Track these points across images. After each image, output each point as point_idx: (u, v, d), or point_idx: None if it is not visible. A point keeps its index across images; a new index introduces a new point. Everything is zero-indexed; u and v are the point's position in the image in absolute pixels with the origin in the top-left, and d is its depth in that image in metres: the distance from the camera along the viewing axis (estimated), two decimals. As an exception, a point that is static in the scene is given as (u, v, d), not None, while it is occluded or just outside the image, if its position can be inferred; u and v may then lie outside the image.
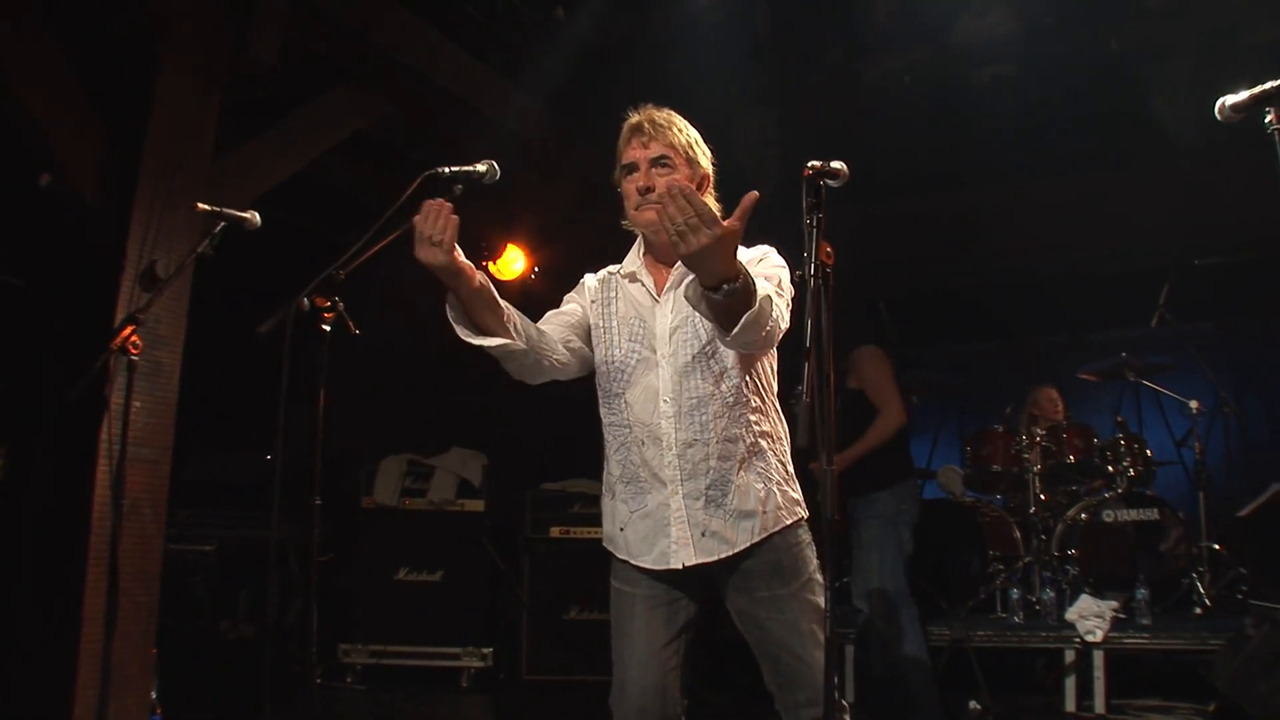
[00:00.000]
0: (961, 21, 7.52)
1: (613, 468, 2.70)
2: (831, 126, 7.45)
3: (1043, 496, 6.11)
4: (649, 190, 2.60)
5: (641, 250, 2.78)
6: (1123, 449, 6.02)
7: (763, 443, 2.63)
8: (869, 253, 6.25)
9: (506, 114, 6.09)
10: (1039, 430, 6.17)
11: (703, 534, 2.56)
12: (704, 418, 2.57)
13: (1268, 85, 2.81)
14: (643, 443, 2.61)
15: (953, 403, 7.94)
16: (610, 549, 2.72)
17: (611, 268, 2.83)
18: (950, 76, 7.41)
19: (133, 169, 4.21)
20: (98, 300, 4.13)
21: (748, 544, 2.56)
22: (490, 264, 6.84)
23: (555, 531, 6.60)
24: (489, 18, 5.81)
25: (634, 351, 2.66)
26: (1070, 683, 5.25)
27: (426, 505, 6.49)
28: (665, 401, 2.59)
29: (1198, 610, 5.57)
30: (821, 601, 2.58)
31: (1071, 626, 5.28)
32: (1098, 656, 5.17)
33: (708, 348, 2.59)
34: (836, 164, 2.46)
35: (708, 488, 2.57)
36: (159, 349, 4.17)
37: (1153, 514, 5.76)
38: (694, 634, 2.67)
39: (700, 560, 2.56)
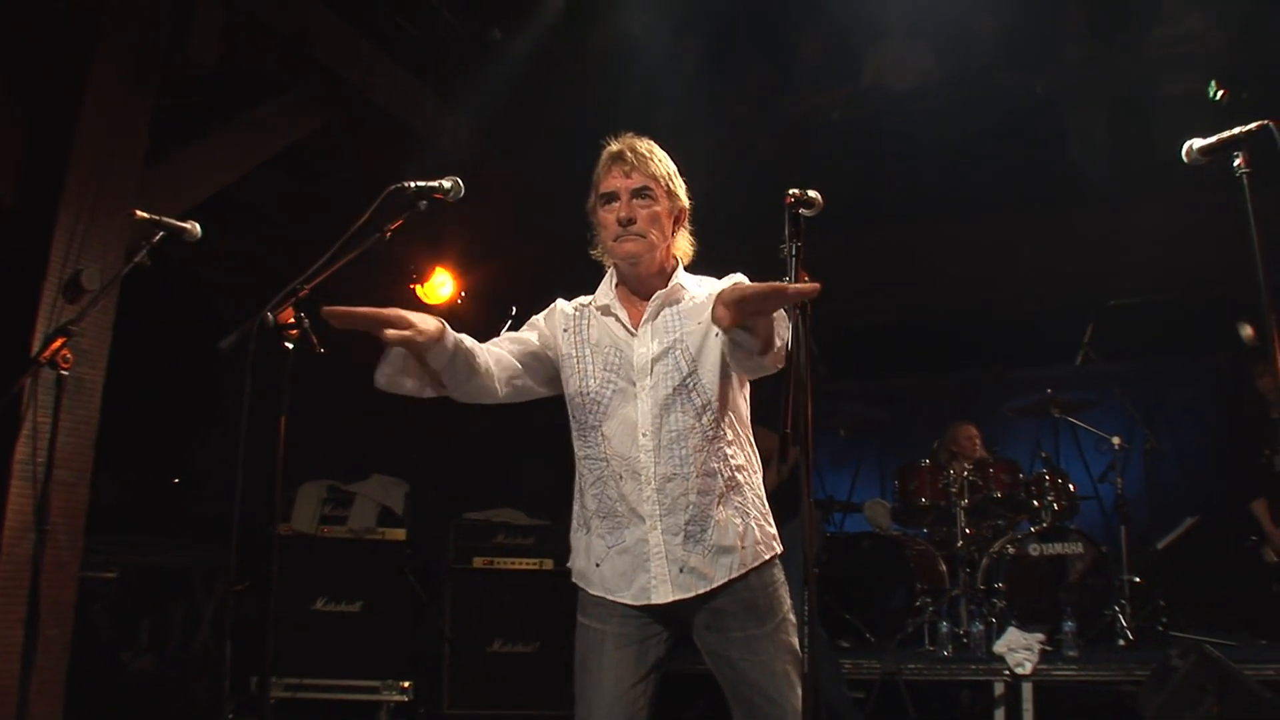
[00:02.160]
0: (889, 62, 7.69)
1: (588, 502, 2.61)
2: (758, 159, 7.52)
3: (968, 530, 6.18)
4: (631, 221, 2.56)
5: (614, 282, 2.71)
6: (1047, 484, 6.14)
7: (739, 476, 2.58)
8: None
9: (440, 134, 5.98)
10: (966, 465, 6.25)
11: (680, 570, 2.50)
12: (684, 451, 2.51)
13: (1235, 130, 2.89)
14: (620, 477, 2.54)
15: (874, 436, 8.00)
16: (581, 584, 2.63)
17: (583, 299, 2.76)
18: (878, 115, 7.54)
19: (58, 171, 3.99)
20: (15, 309, 3.89)
21: (725, 580, 2.50)
22: (417, 287, 6.69)
23: (479, 562, 6.42)
24: (428, 36, 5.70)
25: (610, 383, 2.58)
26: (999, 715, 5.28)
27: (346, 533, 6.26)
28: (644, 435, 2.52)
29: (1121, 642, 5.68)
30: (796, 641, 2.53)
31: (1001, 659, 5.31)
32: (1027, 689, 5.20)
33: (689, 380, 2.53)
34: (813, 193, 2.48)
35: (687, 523, 2.50)
36: (81, 365, 3.91)
37: (1077, 548, 5.88)
38: (661, 673, 2.58)
39: (678, 596, 2.49)
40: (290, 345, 2.79)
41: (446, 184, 2.88)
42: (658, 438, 2.51)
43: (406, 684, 6.06)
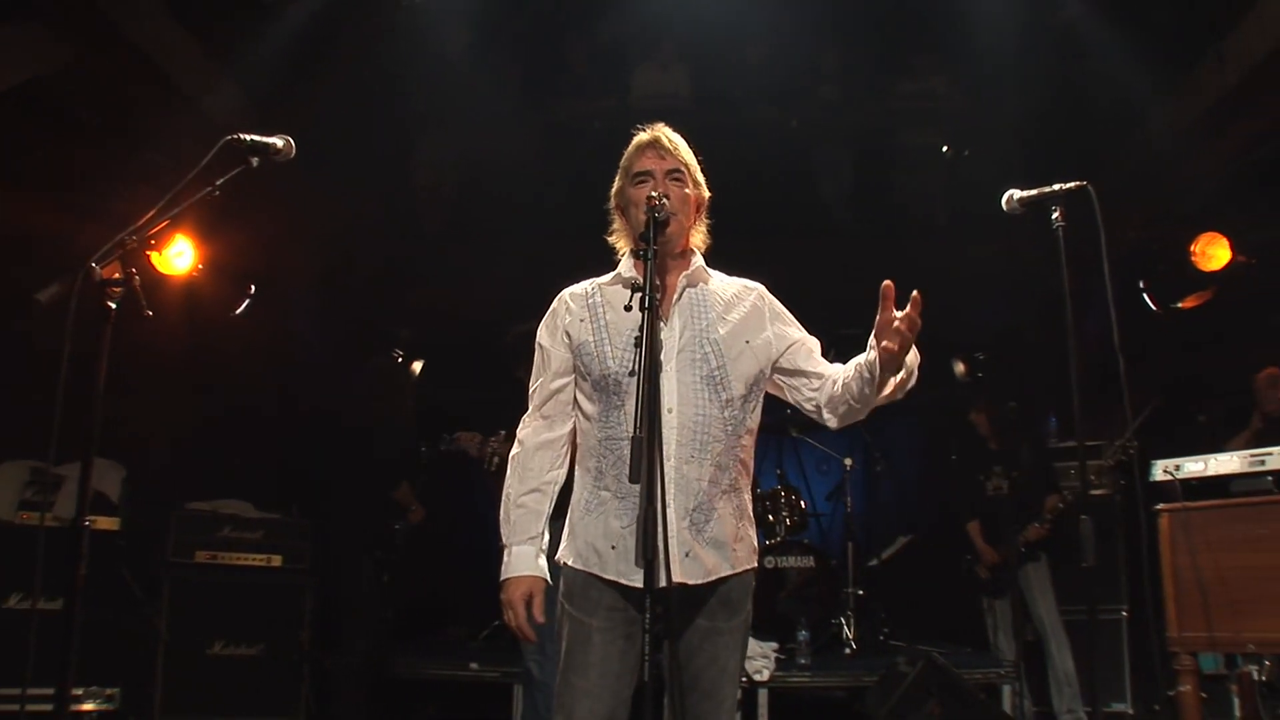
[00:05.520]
0: (650, 79, 7.85)
1: (607, 483, 2.59)
2: (513, 159, 7.45)
3: (706, 542, 6.38)
4: (665, 198, 2.58)
5: (631, 262, 2.75)
6: (782, 499, 6.46)
7: (740, 481, 2.68)
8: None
9: (203, 92, 5.51)
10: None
11: (686, 554, 2.53)
12: (704, 438, 2.56)
13: (1055, 186, 3.19)
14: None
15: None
16: (581, 568, 2.59)
17: (589, 284, 2.78)
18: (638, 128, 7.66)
19: None
20: None
21: (716, 577, 2.56)
22: (153, 254, 6.09)
23: (202, 556, 5.96)
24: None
25: (634, 360, 2.56)
26: None
27: (51, 521, 5.60)
28: (669, 411, 2.55)
29: (847, 650, 6.06)
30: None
31: (740, 666, 5.52)
32: (763, 695, 5.45)
33: (716, 373, 2.61)
34: (665, 200, 2.59)
35: (693, 509, 2.55)
36: None
37: (809, 561, 6.23)
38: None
39: (681, 581, 2.51)
40: (113, 305, 2.53)
41: (279, 142, 2.89)
42: (681, 415, 2.55)
43: (112, 691, 5.52)
